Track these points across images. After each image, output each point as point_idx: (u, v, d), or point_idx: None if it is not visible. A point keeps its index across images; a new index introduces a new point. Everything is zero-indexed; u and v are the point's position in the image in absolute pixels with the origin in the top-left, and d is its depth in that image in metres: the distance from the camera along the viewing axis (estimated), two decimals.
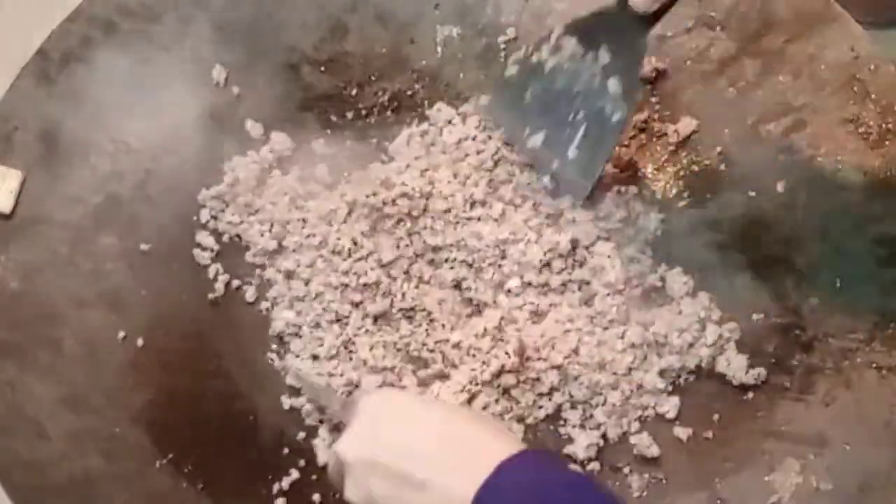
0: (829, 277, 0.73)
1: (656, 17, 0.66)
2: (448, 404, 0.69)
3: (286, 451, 0.73)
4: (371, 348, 0.73)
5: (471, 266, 0.74)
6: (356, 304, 0.74)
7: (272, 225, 0.76)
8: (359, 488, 0.60)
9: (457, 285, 0.75)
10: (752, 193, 0.75)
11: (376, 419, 0.62)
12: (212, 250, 0.76)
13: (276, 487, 0.72)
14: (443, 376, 0.73)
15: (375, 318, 0.74)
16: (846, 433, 0.71)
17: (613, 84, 0.69)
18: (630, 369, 0.73)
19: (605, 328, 0.73)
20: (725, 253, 0.75)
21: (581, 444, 0.72)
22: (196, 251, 0.76)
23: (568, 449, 0.72)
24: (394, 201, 0.73)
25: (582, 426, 0.73)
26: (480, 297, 0.74)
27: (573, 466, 0.59)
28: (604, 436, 0.73)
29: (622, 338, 0.73)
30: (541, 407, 0.73)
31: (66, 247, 0.75)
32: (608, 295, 0.74)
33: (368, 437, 0.61)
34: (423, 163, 0.76)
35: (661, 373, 0.73)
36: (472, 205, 0.75)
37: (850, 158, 0.74)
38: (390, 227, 0.74)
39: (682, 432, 0.73)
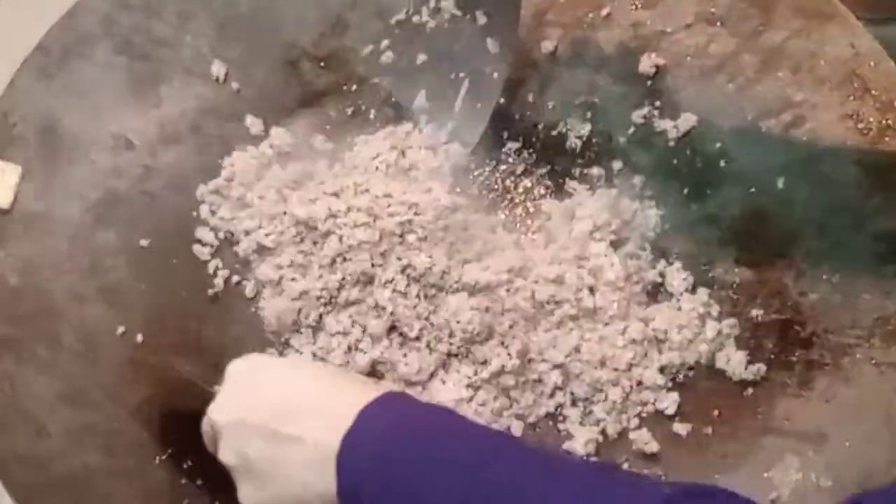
0: (829, 273, 0.73)
1: None
2: (314, 363, 0.71)
3: None
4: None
5: None
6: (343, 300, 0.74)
7: (261, 220, 0.76)
8: (233, 451, 0.62)
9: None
10: (752, 189, 0.75)
11: (244, 383, 0.64)
12: (211, 246, 0.76)
13: None
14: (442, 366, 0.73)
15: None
16: (846, 429, 0.71)
17: (491, 44, 0.74)
18: (630, 366, 0.73)
19: (606, 324, 0.73)
20: (724, 249, 0.75)
21: (580, 440, 0.72)
22: (195, 247, 0.76)
23: (567, 445, 0.72)
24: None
25: (581, 423, 0.73)
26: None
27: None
28: (603, 432, 0.73)
29: (623, 334, 0.73)
30: (541, 406, 0.73)
31: (65, 242, 0.75)
32: (608, 292, 0.74)
33: (238, 400, 0.63)
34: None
35: (662, 369, 0.73)
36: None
37: (849, 154, 0.74)
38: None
39: (681, 428, 0.73)
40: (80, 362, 0.73)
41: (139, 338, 0.74)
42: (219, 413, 0.63)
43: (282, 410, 0.60)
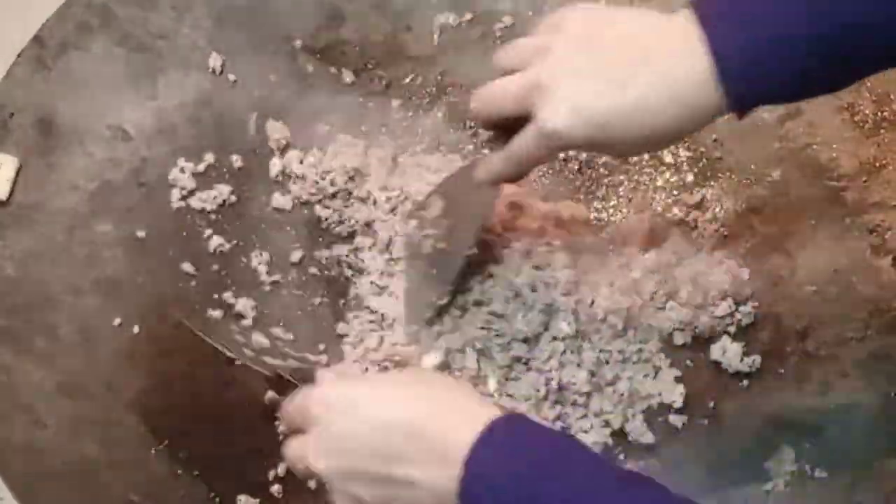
0: (825, 265, 0.74)
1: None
2: (414, 377, 0.63)
3: (282, 437, 0.73)
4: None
5: None
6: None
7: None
8: (346, 498, 0.57)
9: None
10: (748, 181, 0.75)
11: (334, 422, 0.57)
12: (207, 237, 0.76)
13: (271, 474, 0.72)
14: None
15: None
16: (841, 421, 0.71)
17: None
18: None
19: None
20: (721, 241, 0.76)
21: (587, 441, 0.72)
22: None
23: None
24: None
25: (585, 416, 0.73)
26: None
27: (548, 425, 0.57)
28: (607, 423, 0.73)
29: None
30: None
31: (61, 234, 0.75)
32: None
33: (338, 441, 0.56)
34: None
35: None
36: None
37: (845, 146, 0.74)
38: None
39: (677, 420, 0.73)
40: (77, 353, 0.73)
41: (136, 329, 0.74)
42: (321, 461, 0.56)
43: (390, 450, 0.54)
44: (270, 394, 0.73)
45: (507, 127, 0.61)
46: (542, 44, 0.58)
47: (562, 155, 0.78)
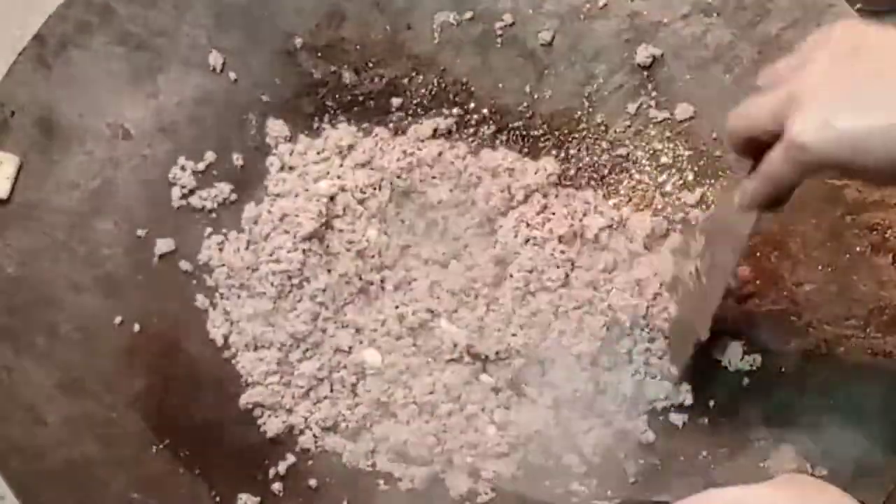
0: (824, 264, 0.74)
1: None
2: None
3: (282, 435, 0.73)
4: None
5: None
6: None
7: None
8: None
9: None
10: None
11: None
12: (207, 235, 0.76)
13: (272, 472, 0.72)
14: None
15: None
16: (841, 419, 0.71)
17: None
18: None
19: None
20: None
21: (589, 441, 0.72)
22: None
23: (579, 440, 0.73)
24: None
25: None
26: None
27: None
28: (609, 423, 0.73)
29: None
30: None
31: (62, 232, 0.75)
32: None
33: None
34: None
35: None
36: None
37: None
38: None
39: (677, 418, 0.73)
40: (77, 352, 0.73)
41: (136, 327, 0.74)
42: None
43: None
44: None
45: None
46: (804, 59, 0.55)
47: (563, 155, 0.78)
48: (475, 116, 0.79)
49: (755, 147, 0.57)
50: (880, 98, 0.51)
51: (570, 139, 0.79)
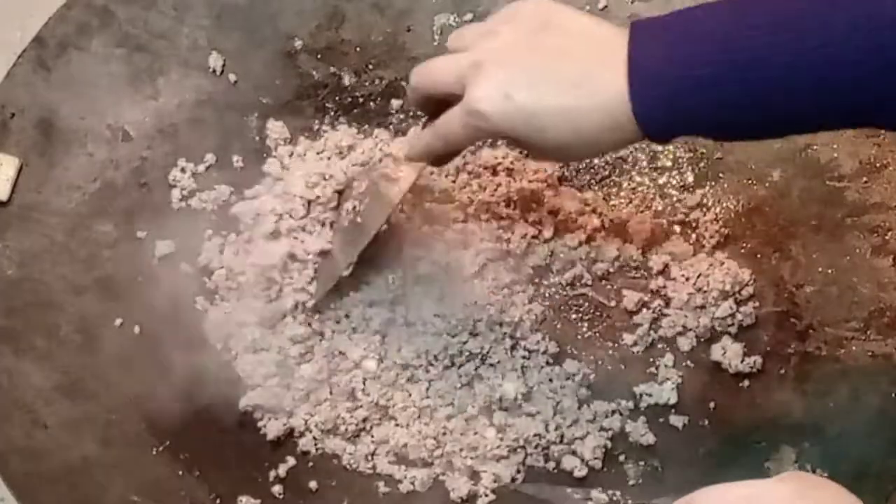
0: (825, 266, 0.74)
1: None
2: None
3: (283, 438, 0.73)
4: None
5: None
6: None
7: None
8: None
9: None
10: (748, 181, 0.75)
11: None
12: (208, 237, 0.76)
13: (272, 474, 0.72)
14: None
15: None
16: (842, 421, 0.71)
17: None
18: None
19: None
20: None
21: (589, 445, 0.72)
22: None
23: (576, 446, 0.73)
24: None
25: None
26: None
27: None
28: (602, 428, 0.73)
29: None
30: None
31: (62, 234, 0.75)
32: None
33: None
34: None
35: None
36: None
37: (845, 147, 0.74)
38: None
39: (677, 420, 0.73)
40: (77, 354, 0.73)
41: (136, 329, 0.74)
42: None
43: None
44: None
45: (441, 112, 0.60)
46: (492, 29, 0.57)
47: None
48: None
49: (434, 103, 0.60)
50: (560, 77, 0.53)
51: None
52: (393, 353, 0.73)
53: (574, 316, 0.75)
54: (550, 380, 0.73)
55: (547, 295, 0.75)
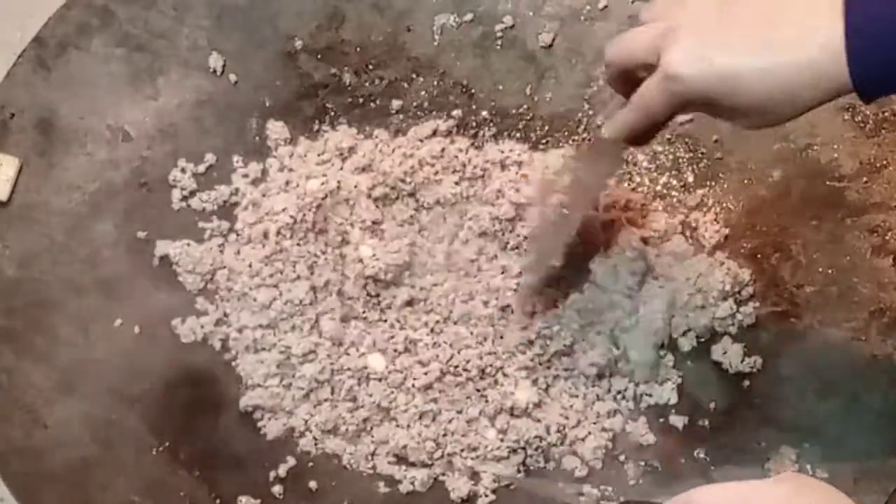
0: (825, 266, 0.74)
1: None
2: None
3: (283, 438, 0.73)
4: None
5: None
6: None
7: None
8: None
9: None
10: (748, 181, 0.75)
11: None
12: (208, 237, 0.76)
13: (272, 474, 0.72)
14: None
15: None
16: (842, 421, 0.71)
17: None
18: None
19: None
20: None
21: (589, 445, 0.72)
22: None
23: (577, 447, 0.73)
24: None
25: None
26: None
27: None
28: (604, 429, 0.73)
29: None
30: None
31: (62, 234, 0.75)
32: None
33: None
34: None
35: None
36: None
37: (845, 147, 0.74)
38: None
39: (677, 420, 0.73)
40: (77, 354, 0.73)
41: (136, 329, 0.74)
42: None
43: None
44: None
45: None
46: None
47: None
48: (475, 118, 0.79)
49: (632, 84, 0.59)
50: (760, 40, 0.52)
51: (570, 141, 0.78)
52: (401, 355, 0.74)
53: None
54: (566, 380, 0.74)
55: None
